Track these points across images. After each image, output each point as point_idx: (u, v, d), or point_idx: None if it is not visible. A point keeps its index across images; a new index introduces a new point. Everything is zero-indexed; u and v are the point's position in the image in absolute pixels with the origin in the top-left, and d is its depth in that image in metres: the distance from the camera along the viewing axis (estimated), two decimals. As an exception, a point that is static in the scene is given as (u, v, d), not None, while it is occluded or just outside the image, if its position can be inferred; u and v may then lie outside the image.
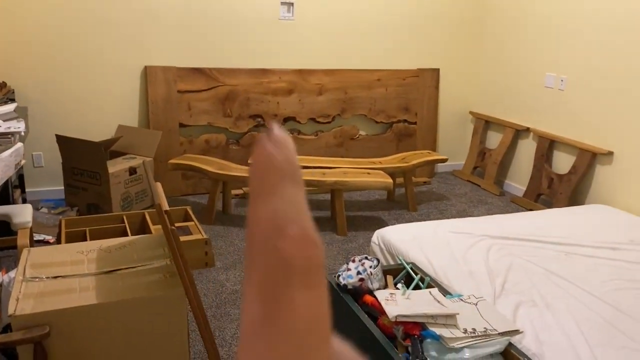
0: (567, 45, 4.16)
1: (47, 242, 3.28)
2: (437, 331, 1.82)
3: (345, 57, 4.75)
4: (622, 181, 3.75)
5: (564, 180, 4.13)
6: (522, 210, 4.39)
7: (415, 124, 5.06)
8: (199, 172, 3.85)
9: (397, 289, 2.17)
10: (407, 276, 2.36)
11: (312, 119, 4.72)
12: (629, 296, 2.28)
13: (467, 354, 1.75)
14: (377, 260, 2.21)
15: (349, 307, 2.10)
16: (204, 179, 4.44)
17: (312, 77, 4.63)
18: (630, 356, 1.86)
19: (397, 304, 1.97)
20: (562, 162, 4.25)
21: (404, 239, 2.76)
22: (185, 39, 4.22)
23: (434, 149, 5.21)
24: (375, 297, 2.06)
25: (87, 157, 3.54)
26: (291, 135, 4.62)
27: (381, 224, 3.95)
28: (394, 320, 1.88)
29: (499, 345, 1.80)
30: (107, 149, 3.90)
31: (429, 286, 2.25)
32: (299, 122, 4.68)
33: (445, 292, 2.20)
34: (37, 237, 3.30)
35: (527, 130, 4.63)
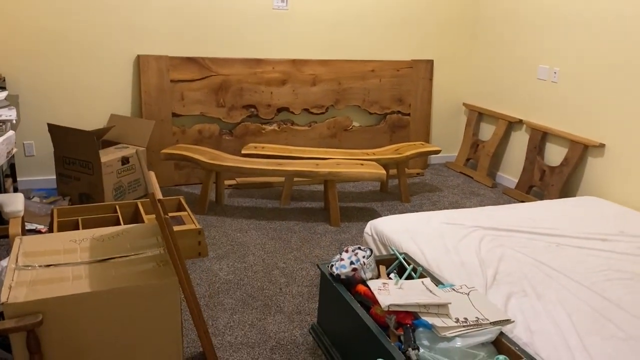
0: (561, 37, 4.17)
1: (39, 232, 3.27)
2: (430, 320, 1.83)
3: (339, 47, 4.73)
4: (613, 173, 3.78)
5: (555, 172, 4.16)
6: (514, 201, 4.41)
7: (408, 115, 5.07)
8: (192, 162, 3.84)
9: (390, 278, 2.19)
10: (399, 266, 2.38)
11: (306, 110, 4.71)
12: (618, 286, 2.31)
13: (458, 342, 1.76)
14: (370, 250, 2.22)
15: (342, 297, 2.11)
16: (197, 169, 4.43)
17: (306, 68, 4.62)
18: (619, 345, 1.88)
19: (389, 293, 1.98)
20: (554, 154, 4.28)
21: (397, 229, 2.77)
22: (178, 28, 4.19)
23: (427, 140, 5.22)
24: (368, 286, 2.07)
25: (79, 146, 3.52)
26: (284, 125, 4.63)
27: (374, 215, 3.96)
28: (386, 309, 1.89)
29: (490, 334, 1.82)
30: (100, 138, 3.87)
31: (422, 276, 2.26)
32: (293, 112, 4.67)
33: (437, 282, 2.22)
34: (29, 226, 3.29)
35: (520, 122, 4.64)
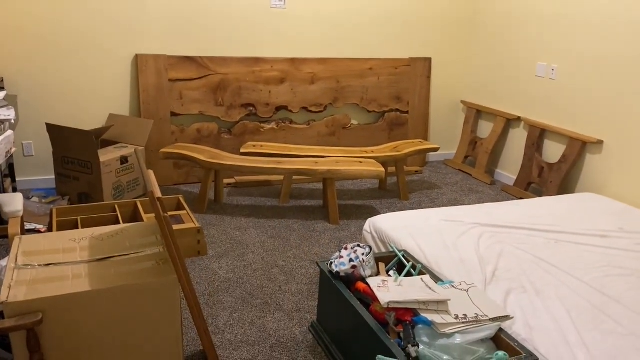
0: (558, 34, 4.18)
1: (39, 232, 3.27)
2: (429, 317, 1.84)
3: (337, 46, 4.73)
4: (612, 170, 3.78)
5: (554, 169, 4.16)
6: (513, 198, 4.42)
7: (407, 113, 5.07)
8: (191, 161, 3.84)
9: (389, 276, 2.19)
10: (399, 264, 2.38)
11: (305, 108, 4.71)
12: (617, 282, 2.31)
13: (458, 339, 1.77)
14: (370, 247, 2.22)
15: (341, 294, 2.11)
16: (196, 168, 4.44)
17: (304, 66, 4.62)
18: (618, 341, 1.89)
19: (389, 290, 1.99)
20: (553, 151, 4.29)
21: (396, 227, 2.77)
22: (176, 27, 4.19)
23: (425, 138, 5.22)
24: (367, 284, 2.08)
25: (78, 146, 3.52)
26: (283, 124, 4.63)
27: (373, 212, 3.96)
28: (386, 306, 1.90)
29: (489, 330, 1.83)
30: (98, 138, 3.87)
31: (421, 273, 2.27)
32: (291, 111, 4.67)
33: (436, 279, 2.22)
34: (28, 226, 3.28)
35: (518, 119, 4.65)
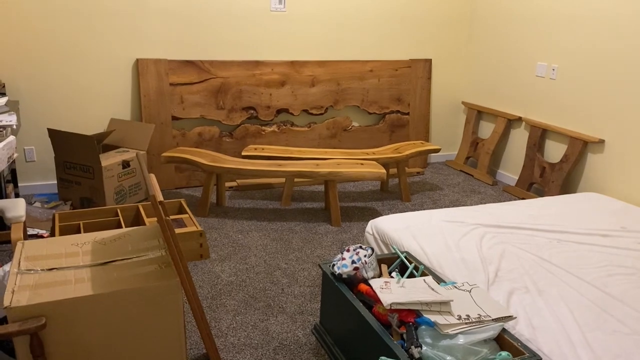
0: (558, 34, 4.18)
1: (41, 237, 3.27)
2: (432, 318, 1.84)
3: (337, 48, 4.74)
4: (613, 169, 3.78)
5: (555, 168, 4.16)
6: (515, 199, 4.42)
7: (408, 114, 5.07)
8: (192, 165, 3.84)
9: (392, 277, 2.19)
10: (401, 265, 2.38)
11: (305, 111, 4.72)
12: (619, 282, 2.31)
13: (461, 340, 1.77)
14: (372, 249, 2.22)
15: (344, 296, 2.11)
16: (198, 171, 4.44)
17: (304, 69, 4.63)
18: (621, 340, 1.89)
19: (391, 292, 1.99)
20: (554, 151, 4.28)
21: (398, 228, 2.78)
22: (176, 31, 4.20)
23: (426, 139, 5.23)
24: (370, 285, 2.08)
25: (80, 150, 3.53)
26: (284, 127, 4.63)
27: (375, 214, 3.96)
28: (388, 308, 1.90)
29: (492, 331, 1.82)
30: (100, 143, 3.88)
31: (423, 274, 2.26)
32: (292, 113, 4.67)
33: (439, 279, 2.22)
34: (30, 231, 3.29)
35: (519, 119, 4.65)
